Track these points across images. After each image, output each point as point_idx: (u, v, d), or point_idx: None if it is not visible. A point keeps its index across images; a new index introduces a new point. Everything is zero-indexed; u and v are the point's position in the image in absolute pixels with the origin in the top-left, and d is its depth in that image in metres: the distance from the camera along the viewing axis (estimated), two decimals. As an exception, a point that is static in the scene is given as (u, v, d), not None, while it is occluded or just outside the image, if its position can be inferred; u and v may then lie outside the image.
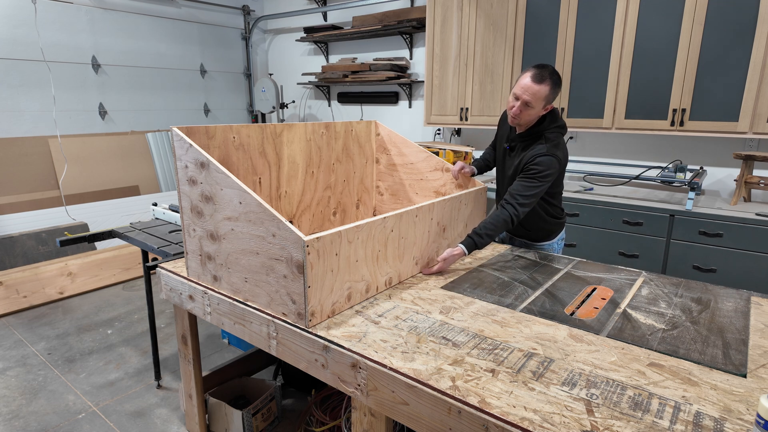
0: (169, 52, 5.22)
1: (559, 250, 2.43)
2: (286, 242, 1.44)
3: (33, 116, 4.32)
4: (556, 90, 1.99)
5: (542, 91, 1.95)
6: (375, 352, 1.35)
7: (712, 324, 1.55)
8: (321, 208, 2.54)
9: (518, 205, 2.01)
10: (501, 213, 2.02)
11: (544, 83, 1.95)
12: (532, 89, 1.95)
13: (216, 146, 1.97)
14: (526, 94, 1.96)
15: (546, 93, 1.96)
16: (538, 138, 2.09)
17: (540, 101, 1.97)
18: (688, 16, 2.95)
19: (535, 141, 2.09)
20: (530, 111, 2.00)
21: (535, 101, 1.97)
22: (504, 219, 2.00)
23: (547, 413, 1.10)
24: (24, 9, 4.15)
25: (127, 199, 4.77)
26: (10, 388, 2.71)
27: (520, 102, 1.99)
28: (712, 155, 3.36)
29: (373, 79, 4.75)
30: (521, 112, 2.01)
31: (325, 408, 2.26)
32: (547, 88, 1.95)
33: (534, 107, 1.98)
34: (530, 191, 2.02)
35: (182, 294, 1.92)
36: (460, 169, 2.37)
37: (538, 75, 1.95)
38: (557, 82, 1.98)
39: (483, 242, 1.99)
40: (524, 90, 1.96)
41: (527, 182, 2.03)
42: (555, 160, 2.04)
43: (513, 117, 2.05)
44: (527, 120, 2.05)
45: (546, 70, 1.97)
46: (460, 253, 1.96)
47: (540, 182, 2.02)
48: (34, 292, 3.75)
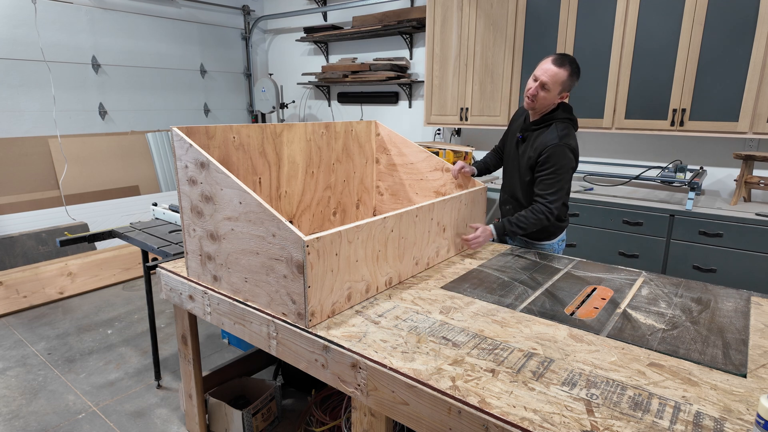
0: (169, 52, 5.22)
1: (559, 251, 2.43)
2: (286, 242, 1.44)
3: (33, 116, 4.32)
4: (574, 78, 2.03)
5: (560, 75, 1.99)
6: (375, 352, 1.35)
7: (712, 324, 1.55)
8: (321, 208, 2.54)
9: (548, 203, 2.07)
10: (534, 211, 2.09)
11: (564, 68, 2.00)
12: (551, 71, 2.00)
13: (216, 146, 1.97)
14: (544, 75, 2.01)
15: (564, 78, 2.00)
16: (550, 126, 2.12)
17: (557, 85, 2.01)
18: (688, 16, 2.95)
19: (547, 129, 2.12)
20: (546, 94, 2.04)
21: (553, 84, 2.01)
22: (538, 217, 2.08)
23: (547, 413, 1.10)
24: (24, 9, 4.15)
25: (127, 199, 4.77)
26: (10, 388, 2.71)
27: (537, 83, 2.04)
28: (712, 155, 3.36)
29: (373, 79, 4.75)
30: (537, 93, 2.05)
31: (325, 408, 2.26)
32: (566, 73, 2.00)
33: (551, 90, 2.02)
34: (554, 187, 2.08)
35: (182, 294, 1.92)
36: (460, 169, 2.38)
37: (559, 59, 2.01)
38: (576, 70, 2.03)
39: (513, 231, 2.08)
40: (543, 71, 2.01)
41: (548, 179, 2.08)
42: (567, 149, 2.07)
43: (529, 98, 2.09)
44: (542, 104, 2.08)
45: (567, 57, 2.03)
46: (490, 233, 2.07)
47: (559, 176, 2.07)
48: (34, 292, 3.75)
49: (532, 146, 2.16)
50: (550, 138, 2.08)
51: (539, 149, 2.10)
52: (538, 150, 2.11)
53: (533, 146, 2.15)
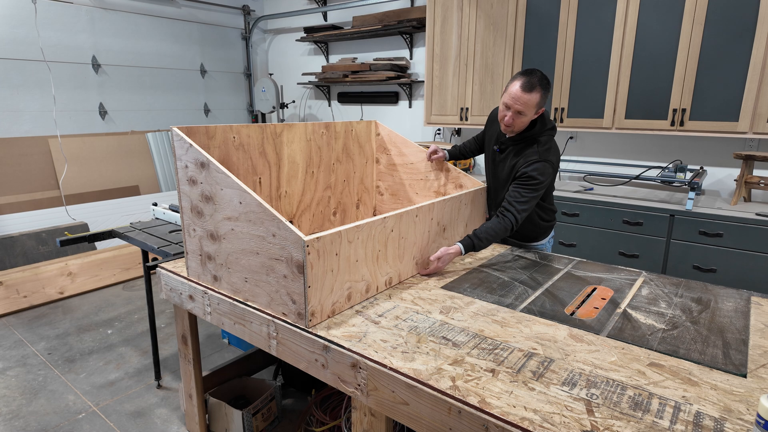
0: (169, 52, 5.22)
1: (550, 249, 2.48)
2: (286, 242, 1.44)
3: (33, 116, 4.32)
4: (546, 95, 2.00)
5: (533, 99, 1.95)
6: (375, 352, 1.35)
7: (712, 324, 1.55)
8: (321, 208, 2.54)
9: (516, 212, 2.03)
10: (501, 221, 2.03)
11: (534, 91, 1.94)
12: (522, 99, 1.95)
13: (216, 146, 1.97)
14: (517, 104, 1.97)
15: (537, 100, 1.96)
16: (530, 143, 2.10)
17: (531, 108, 1.98)
18: (688, 16, 2.95)
19: (528, 146, 2.10)
20: (523, 119, 2.02)
21: (527, 109, 1.98)
22: (504, 227, 2.02)
23: (547, 413, 1.10)
24: (24, 9, 4.15)
25: (127, 199, 4.77)
26: (10, 388, 2.71)
27: (512, 111, 2.00)
28: (712, 155, 3.36)
29: (373, 79, 4.75)
30: (514, 121, 2.02)
31: (325, 408, 2.26)
32: (538, 96, 1.96)
33: (526, 114, 2.00)
34: (526, 198, 2.04)
35: (182, 294, 1.92)
36: (432, 153, 2.47)
37: (528, 83, 1.95)
38: (546, 87, 1.99)
39: (481, 245, 2.00)
40: (515, 100, 1.97)
41: (523, 190, 2.04)
42: (548, 165, 2.06)
43: (506, 126, 2.06)
44: (520, 127, 2.06)
45: (535, 76, 1.96)
46: (457, 251, 1.95)
47: (535, 190, 2.05)
48: (34, 292, 3.75)
49: (513, 159, 2.14)
50: (530, 153, 2.07)
51: (519, 167, 2.09)
52: (518, 167, 2.09)
53: (514, 159, 2.14)
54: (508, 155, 2.18)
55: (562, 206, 3.36)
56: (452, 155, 2.59)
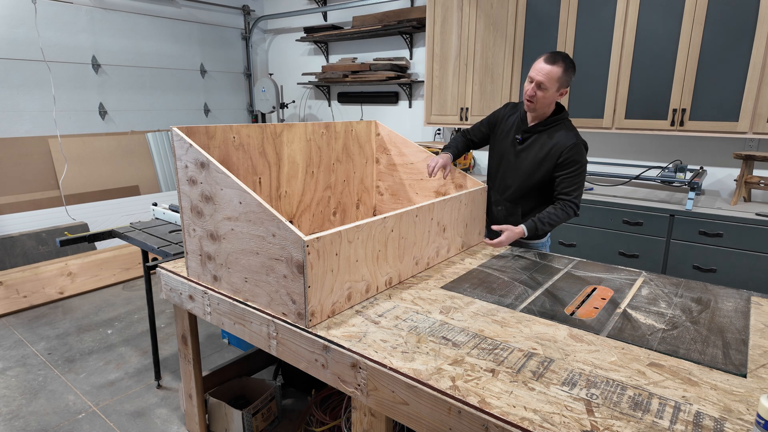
0: (169, 52, 5.22)
1: (548, 249, 2.48)
2: (286, 242, 1.44)
3: (33, 116, 4.32)
4: (569, 73, 2.02)
5: (555, 72, 1.99)
6: (375, 352, 1.35)
7: (712, 324, 1.55)
8: (321, 208, 2.54)
9: (574, 199, 2.13)
10: (563, 207, 2.12)
11: (557, 64, 1.99)
12: (544, 69, 2.00)
13: (216, 146, 1.97)
14: (539, 75, 2.01)
15: (559, 74, 1.99)
16: (558, 127, 2.14)
17: (553, 82, 2.00)
18: (688, 16, 2.95)
19: (557, 130, 2.13)
20: (545, 93, 2.03)
21: (549, 82, 2.00)
22: (566, 213, 2.13)
23: (547, 413, 1.10)
24: (24, 9, 4.15)
25: (127, 199, 4.77)
26: (10, 388, 2.71)
27: (533, 84, 2.04)
28: (712, 155, 3.36)
29: (373, 79, 4.75)
30: (535, 93, 2.04)
31: (325, 408, 2.26)
32: (560, 69, 1.99)
33: (548, 88, 2.02)
34: (578, 184, 2.13)
35: (182, 294, 1.92)
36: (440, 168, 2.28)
37: (551, 57, 2.01)
38: (570, 65, 2.02)
39: (544, 229, 2.12)
40: (538, 71, 2.01)
41: (573, 178, 2.12)
42: (583, 148, 2.13)
43: (528, 99, 2.08)
44: (542, 103, 2.08)
45: (559, 54, 2.02)
46: (521, 231, 2.10)
47: (582, 174, 2.13)
48: (34, 292, 3.75)
49: (542, 148, 2.15)
50: (567, 138, 2.10)
51: (557, 151, 2.10)
52: (557, 152, 2.11)
53: (543, 148, 2.14)
54: (533, 143, 2.18)
55: (562, 206, 3.35)
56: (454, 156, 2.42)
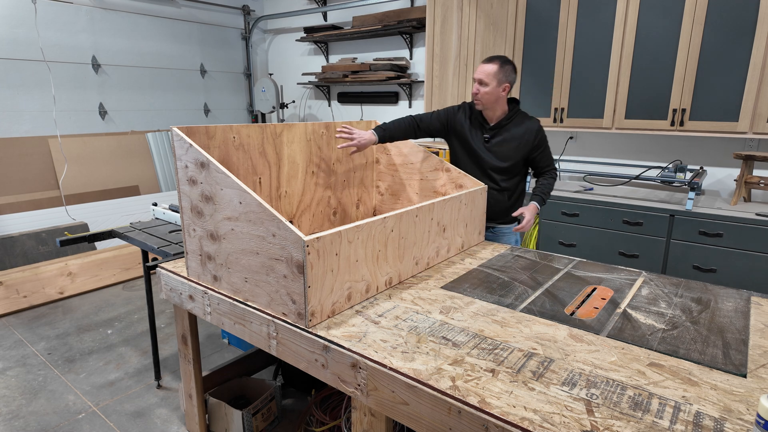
0: (169, 52, 5.22)
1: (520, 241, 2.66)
2: (286, 242, 1.44)
3: (33, 116, 4.32)
4: (506, 69, 2.26)
5: (491, 69, 2.24)
6: (375, 352, 1.35)
7: (712, 324, 1.55)
8: (321, 208, 2.54)
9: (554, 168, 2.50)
10: (552, 176, 2.48)
11: (493, 63, 2.25)
12: (482, 68, 2.27)
13: (216, 146, 1.97)
14: (479, 74, 2.27)
15: (495, 70, 2.24)
16: (521, 117, 2.42)
17: (492, 78, 2.24)
18: (688, 16, 2.95)
19: (521, 120, 2.41)
20: (486, 89, 2.27)
21: (487, 78, 2.25)
22: (554, 179, 2.49)
23: (547, 413, 1.10)
24: (24, 9, 4.15)
25: (127, 199, 4.77)
26: (10, 388, 2.71)
27: (476, 82, 2.29)
28: (712, 155, 3.36)
29: (373, 79, 4.75)
30: (478, 91, 2.29)
31: (325, 408, 2.26)
32: (496, 66, 2.24)
33: (488, 84, 2.26)
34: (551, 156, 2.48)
35: (182, 294, 1.92)
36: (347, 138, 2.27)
37: (488, 58, 2.30)
38: (506, 61, 2.27)
39: (546, 198, 2.46)
40: (478, 71, 2.29)
41: (547, 152, 2.46)
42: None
43: (474, 97, 2.33)
44: (487, 99, 2.30)
45: (496, 56, 2.30)
46: (536, 207, 2.40)
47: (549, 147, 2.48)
48: (34, 292, 3.75)
49: (513, 137, 2.39)
50: (532, 123, 2.39)
51: (531, 136, 2.38)
52: (530, 137, 2.38)
53: (515, 137, 2.39)
54: (502, 136, 2.40)
55: (561, 206, 3.36)
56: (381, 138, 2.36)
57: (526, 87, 3.65)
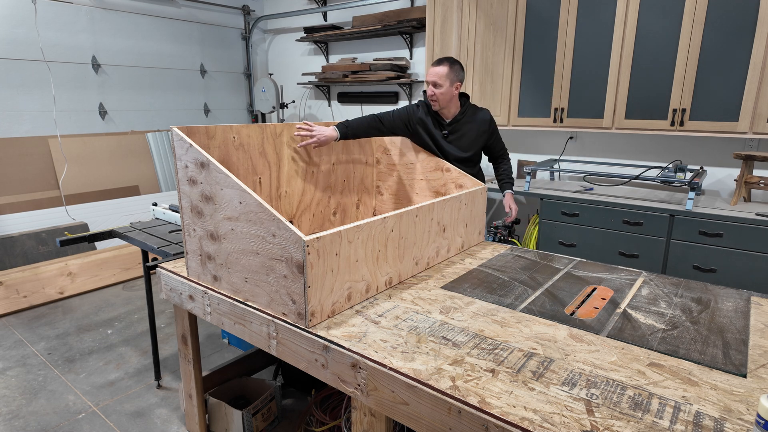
0: (169, 52, 5.22)
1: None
2: (286, 242, 1.44)
3: (33, 116, 4.32)
4: (455, 69, 2.41)
5: (441, 71, 2.39)
6: (375, 352, 1.35)
7: (712, 324, 1.55)
8: (321, 208, 2.54)
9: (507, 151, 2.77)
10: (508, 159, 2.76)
11: (442, 65, 2.40)
12: (433, 71, 2.41)
13: (216, 146, 1.97)
14: (431, 77, 2.42)
15: (446, 71, 2.39)
16: (473, 110, 2.59)
17: (444, 79, 2.39)
18: (688, 16, 2.95)
19: (473, 113, 2.58)
20: (441, 90, 2.41)
21: (440, 79, 2.39)
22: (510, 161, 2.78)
23: (547, 413, 1.10)
24: (24, 9, 4.15)
25: (127, 199, 4.77)
26: (10, 388, 2.71)
27: (430, 85, 2.44)
28: (712, 155, 3.36)
29: (373, 79, 4.75)
30: (434, 93, 2.43)
31: (325, 408, 2.26)
32: (446, 68, 2.39)
33: (442, 85, 2.40)
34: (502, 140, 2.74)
35: (182, 294, 1.92)
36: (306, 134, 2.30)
37: (437, 61, 2.44)
38: (454, 61, 2.43)
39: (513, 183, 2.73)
40: (430, 74, 2.43)
41: (499, 137, 2.70)
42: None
43: (431, 98, 2.46)
44: (444, 98, 2.44)
45: (443, 57, 2.44)
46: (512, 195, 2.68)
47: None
48: (34, 292, 3.75)
49: (471, 129, 2.57)
50: (484, 114, 2.60)
51: (485, 125, 2.59)
52: (485, 126, 2.59)
53: (472, 129, 2.57)
54: (460, 130, 2.57)
55: (561, 206, 3.36)
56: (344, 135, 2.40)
57: (526, 87, 3.66)
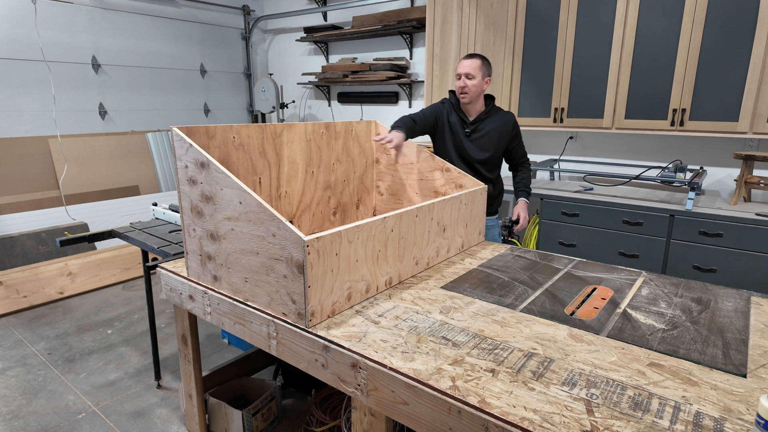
0: (169, 52, 5.22)
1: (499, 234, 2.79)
2: (286, 242, 1.44)
3: (33, 116, 4.32)
4: (486, 63, 2.47)
5: (476, 63, 2.44)
6: (375, 352, 1.35)
7: (712, 324, 1.55)
8: (321, 208, 2.54)
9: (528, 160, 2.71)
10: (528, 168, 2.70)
11: (474, 58, 2.45)
12: (467, 63, 2.44)
13: (216, 146, 1.97)
14: (465, 68, 2.45)
15: (479, 64, 2.44)
16: (497, 111, 2.59)
17: (477, 71, 2.44)
18: (688, 16, 2.95)
19: (497, 114, 2.58)
20: (474, 81, 2.44)
21: (474, 71, 2.43)
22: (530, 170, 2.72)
23: (547, 413, 1.10)
24: (24, 9, 4.15)
25: (127, 199, 4.77)
26: (10, 388, 2.71)
27: (463, 77, 2.45)
28: (712, 155, 3.36)
29: (373, 79, 4.75)
30: (466, 84, 2.44)
31: (325, 408, 2.26)
32: (479, 61, 2.44)
33: (475, 76, 2.44)
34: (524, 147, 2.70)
35: (182, 294, 1.92)
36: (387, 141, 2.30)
37: (469, 55, 2.48)
38: (484, 58, 2.47)
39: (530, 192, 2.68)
40: (463, 66, 2.46)
41: (521, 143, 2.67)
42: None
43: (461, 91, 2.47)
44: (474, 91, 2.46)
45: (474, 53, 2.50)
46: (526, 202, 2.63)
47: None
48: (34, 292, 3.75)
49: (494, 130, 2.56)
50: (508, 116, 2.59)
51: (509, 127, 2.57)
52: (508, 128, 2.57)
53: (495, 129, 2.56)
54: (482, 129, 2.56)
55: (561, 206, 3.36)
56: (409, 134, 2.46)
57: (526, 87, 3.66)
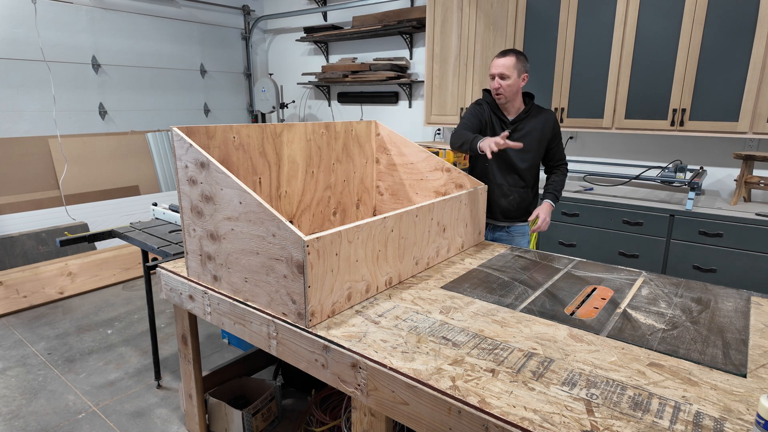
0: (169, 52, 5.22)
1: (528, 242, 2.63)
2: (286, 242, 1.44)
3: (33, 116, 4.32)
4: (522, 60, 2.31)
5: (509, 61, 2.28)
6: (375, 352, 1.35)
7: (712, 324, 1.55)
8: (321, 208, 2.54)
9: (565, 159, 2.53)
10: (564, 172, 2.52)
11: (508, 56, 2.29)
12: (500, 62, 2.29)
13: (216, 146, 1.97)
14: (498, 68, 2.30)
15: (514, 61, 2.28)
16: (537, 110, 2.44)
17: (512, 69, 2.28)
18: (688, 16, 2.95)
19: (537, 112, 2.43)
20: (509, 81, 2.30)
21: (508, 70, 2.28)
22: (566, 174, 2.53)
23: (547, 413, 1.10)
24: (24, 9, 4.15)
25: (127, 199, 4.77)
26: (10, 388, 2.71)
27: (497, 77, 2.31)
28: (712, 155, 3.36)
29: (373, 79, 4.75)
30: (500, 86, 2.31)
31: (325, 408, 2.26)
32: (513, 58, 2.28)
33: (510, 76, 2.29)
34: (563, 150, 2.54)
35: (182, 294, 1.92)
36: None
37: (502, 52, 2.32)
38: (519, 53, 2.31)
39: (560, 195, 2.50)
40: (496, 66, 2.31)
41: (561, 145, 2.51)
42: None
43: (496, 92, 2.34)
44: (510, 90, 2.32)
45: (508, 49, 2.34)
46: (551, 205, 2.43)
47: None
48: (34, 292, 3.75)
49: (535, 129, 2.41)
50: (549, 114, 2.43)
51: (550, 126, 2.42)
52: (549, 126, 2.42)
53: (536, 129, 2.41)
54: (523, 129, 2.42)
55: (561, 206, 3.36)
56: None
57: (526, 87, 3.65)
